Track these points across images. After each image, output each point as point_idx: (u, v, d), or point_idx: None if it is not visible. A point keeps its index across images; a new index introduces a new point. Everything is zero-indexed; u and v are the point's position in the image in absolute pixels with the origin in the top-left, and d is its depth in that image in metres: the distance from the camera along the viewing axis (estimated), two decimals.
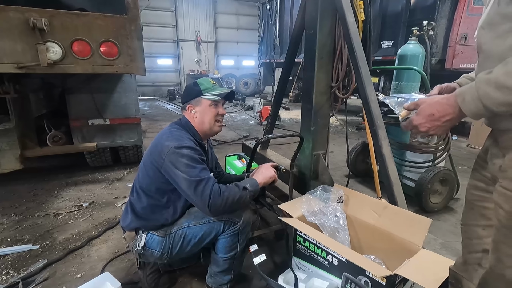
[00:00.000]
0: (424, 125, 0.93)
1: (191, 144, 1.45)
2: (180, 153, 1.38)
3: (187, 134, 1.53)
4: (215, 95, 1.55)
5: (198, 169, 1.38)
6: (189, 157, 1.39)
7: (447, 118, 0.88)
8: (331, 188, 1.80)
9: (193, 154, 1.41)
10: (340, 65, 2.02)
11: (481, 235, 1.00)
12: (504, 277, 0.86)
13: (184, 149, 1.40)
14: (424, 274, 1.17)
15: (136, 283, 1.80)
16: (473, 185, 1.03)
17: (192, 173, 1.36)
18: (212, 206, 1.35)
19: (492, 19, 0.84)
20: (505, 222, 0.83)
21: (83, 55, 2.46)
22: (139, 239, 1.52)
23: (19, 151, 2.86)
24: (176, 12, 14.37)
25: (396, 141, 2.90)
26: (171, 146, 1.40)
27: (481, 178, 1.00)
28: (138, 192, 1.55)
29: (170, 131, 1.53)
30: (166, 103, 11.35)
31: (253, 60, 16.06)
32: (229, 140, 5.45)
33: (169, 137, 1.47)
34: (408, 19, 5.61)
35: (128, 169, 3.82)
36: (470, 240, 1.04)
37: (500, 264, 0.87)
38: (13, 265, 1.98)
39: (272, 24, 9.63)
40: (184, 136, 1.49)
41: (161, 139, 1.49)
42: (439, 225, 2.49)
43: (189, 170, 1.36)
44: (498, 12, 0.81)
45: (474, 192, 1.02)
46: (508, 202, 0.83)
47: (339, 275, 1.42)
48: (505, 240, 0.85)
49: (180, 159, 1.38)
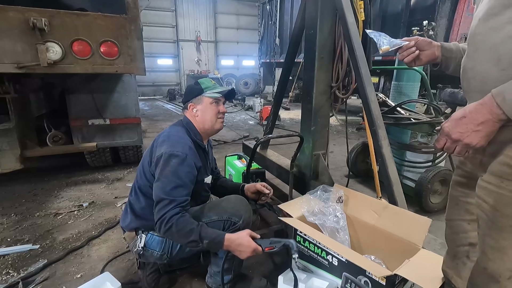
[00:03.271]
0: (456, 131, 0.80)
1: (183, 152, 1.42)
2: (167, 162, 1.38)
3: (186, 136, 1.53)
4: (216, 92, 1.57)
5: (172, 185, 1.35)
6: (173, 169, 1.37)
7: (481, 120, 0.76)
8: (331, 188, 1.80)
9: (178, 166, 1.38)
10: (340, 65, 2.02)
11: (467, 229, 1.02)
12: (486, 270, 0.87)
13: (172, 159, 1.38)
14: (424, 274, 1.17)
15: (136, 283, 1.80)
16: (457, 181, 1.04)
17: (166, 187, 1.34)
18: (158, 228, 1.33)
19: (492, 9, 0.81)
20: (490, 216, 0.84)
21: (83, 55, 2.46)
22: (139, 239, 1.52)
23: (19, 151, 2.86)
24: (176, 12, 14.37)
25: (396, 141, 2.90)
26: (162, 151, 1.41)
27: (463, 174, 1.02)
28: (137, 192, 1.56)
29: (169, 134, 1.53)
30: (166, 103, 11.35)
31: (253, 60, 16.07)
32: (229, 140, 5.45)
33: (165, 140, 1.48)
34: (408, 19, 5.61)
35: (128, 169, 3.82)
36: (457, 234, 1.05)
37: (484, 257, 0.87)
38: (13, 265, 1.98)
39: (272, 24, 9.63)
40: (181, 140, 1.48)
41: (157, 141, 1.51)
42: (439, 225, 2.47)
43: (164, 184, 1.35)
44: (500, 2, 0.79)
45: (457, 188, 1.04)
46: (490, 195, 0.83)
47: (339, 275, 1.42)
48: (489, 233, 0.85)
49: (164, 168, 1.38)
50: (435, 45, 1.12)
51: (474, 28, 0.89)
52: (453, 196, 1.06)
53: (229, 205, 1.55)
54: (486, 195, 0.84)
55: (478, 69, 0.86)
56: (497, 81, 0.77)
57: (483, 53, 0.83)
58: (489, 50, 0.81)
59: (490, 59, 0.81)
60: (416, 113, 2.83)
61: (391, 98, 3.06)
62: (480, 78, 0.85)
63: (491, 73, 0.81)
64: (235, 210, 1.52)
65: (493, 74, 0.80)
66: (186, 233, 1.31)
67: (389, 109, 2.79)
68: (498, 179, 0.81)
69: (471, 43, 0.90)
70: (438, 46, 1.12)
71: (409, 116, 2.74)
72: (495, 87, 0.76)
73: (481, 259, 0.89)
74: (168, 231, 1.31)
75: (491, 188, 0.82)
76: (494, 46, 0.80)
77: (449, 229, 1.09)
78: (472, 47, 0.89)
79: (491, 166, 0.83)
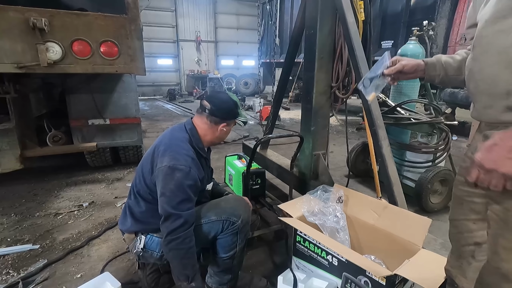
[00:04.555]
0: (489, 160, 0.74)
1: (186, 165, 1.39)
2: (170, 176, 1.36)
3: (188, 145, 1.48)
4: (241, 120, 1.59)
5: (178, 199, 1.35)
6: (178, 183, 1.35)
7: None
8: (331, 188, 1.80)
9: (183, 180, 1.36)
10: (340, 65, 2.03)
11: (472, 229, 1.01)
12: (499, 270, 0.87)
13: (176, 173, 1.36)
14: (424, 274, 1.17)
15: (136, 283, 1.80)
16: (461, 181, 1.04)
17: (172, 202, 1.34)
18: (165, 242, 1.35)
19: (500, 11, 0.81)
20: (501, 216, 0.85)
21: (83, 55, 2.46)
22: (139, 241, 1.52)
23: (19, 151, 2.86)
24: (176, 12, 14.38)
25: (396, 141, 2.90)
26: (165, 165, 1.37)
27: None
28: (136, 196, 1.53)
29: (170, 143, 1.48)
30: (166, 103, 11.35)
31: (253, 60, 16.07)
32: (229, 140, 5.45)
33: (166, 150, 1.43)
34: (408, 19, 5.61)
35: (128, 169, 3.82)
36: (462, 234, 1.05)
37: (496, 257, 0.88)
38: (13, 265, 1.98)
39: (272, 24, 9.63)
40: (182, 152, 1.43)
41: (159, 149, 1.46)
42: (439, 225, 2.48)
43: (170, 199, 1.35)
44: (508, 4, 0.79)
45: (462, 187, 1.03)
46: (501, 196, 0.84)
47: (339, 275, 1.43)
48: (502, 233, 0.86)
49: (168, 182, 1.36)
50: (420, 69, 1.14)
51: (480, 31, 0.89)
52: (457, 196, 1.06)
53: (228, 205, 1.55)
54: (497, 196, 0.85)
55: (487, 71, 0.86)
56: (508, 83, 0.79)
57: (492, 56, 0.84)
58: (498, 53, 0.82)
59: (499, 62, 0.82)
60: (416, 113, 2.83)
61: (391, 98, 3.06)
62: (490, 80, 0.85)
63: (501, 76, 0.81)
64: (234, 210, 1.52)
65: (503, 76, 0.81)
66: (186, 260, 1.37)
67: (389, 109, 2.79)
68: None
69: (478, 45, 0.90)
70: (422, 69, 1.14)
71: (409, 116, 2.74)
72: (505, 89, 0.77)
73: (492, 259, 0.89)
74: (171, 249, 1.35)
75: None
76: (503, 49, 0.80)
77: (453, 228, 1.10)
78: (479, 50, 0.89)
79: None
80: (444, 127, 2.74)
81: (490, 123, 0.90)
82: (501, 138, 0.74)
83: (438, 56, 1.14)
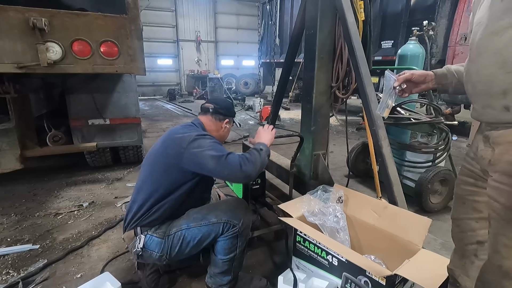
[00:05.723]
0: None
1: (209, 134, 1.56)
2: (203, 138, 1.48)
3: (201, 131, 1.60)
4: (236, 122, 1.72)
5: (221, 147, 1.49)
6: (212, 140, 1.50)
7: None
8: (331, 188, 1.80)
9: (213, 139, 1.51)
10: (340, 65, 2.02)
11: (474, 228, 1.03)
12: (501, 268, 0.88)
13: (207, 135, 1.52)
14: (424, 274, 1.17)
15: (136, 283, 1.80)
16: (463, 181, 1.05)
17: (218, 149, 1.44)
18: (244, 172, 1.40)
19: (492, 14, 0.85)
20: (502, 215, 0.86)
21: (83, 55, 2.46)
22: (138, 240, 1.51)
23: (19, 151, 2.86)
24: (176, 12, 14.37)
25: (396, 141, 2.90)
26: (193, 135, 1.47)
27: (470, 173, 1.03)
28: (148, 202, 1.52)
29: (183, 127, 1.60)
30: (166, 103, 11.34)
31: (253, 60, 16.06)
32: (229, 140, 5.43)
33: (186, 131, 1.53)
34: (408, 19, 5.61)
35: (128, 169, 3.82)
36: (465, 233, 1.06)
37: (497, 255, 0.89)
38: (13, 265, 1.98)
39: (272, 24, 9.63)
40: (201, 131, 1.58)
41: (177, 133, 1.54)
42: (439, 225, 2.48)
43: (215, 147, 1.45)
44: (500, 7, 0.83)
45: (464, 187, 1.05)
46: (502, 195, 0.85)
47: (339, 275, 1.43)
48: (503, 232, 0.87)
49: (204, 141, 1.46)
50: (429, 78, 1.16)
51: (475, 33, 0.92)
52: (460, 195, 1.07)
53: (229, 208, 1.55)
54: (497, 195, 0.86)
55: (483, 72, 0.89)
56: (504, 82, 0.83)
57: (487, 58, 0.87)
58: (493, 54, 0.85)
59: (495, 63, 0.85)
60: (416, 113, 2.83)
61: None
62: (486, 81, 0.88)
63: (497, 76, 0.85)
64: (234, 213, 1.53)
65: (499, 77, 0.84)
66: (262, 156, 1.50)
67: None
68: (510, 178, 0.83)
69: (473, 48, 0.93)
70: (432, 79, 1.16)
71: (409, 116, 2.74)
72: (501, 89, 0.82)
73: (493, 257, 0.90)
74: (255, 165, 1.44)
75: (503, 188, 0.85)
76: (497, 50, 0.83)
77: (456, 227, 1.10)
78: (475, 52, 0.92)
79: (502, 166, 0.86)
80: (444, 127, 2.75)
81: (490, 123, 0.91)
82: None
83: (447, 66, 1.17)
